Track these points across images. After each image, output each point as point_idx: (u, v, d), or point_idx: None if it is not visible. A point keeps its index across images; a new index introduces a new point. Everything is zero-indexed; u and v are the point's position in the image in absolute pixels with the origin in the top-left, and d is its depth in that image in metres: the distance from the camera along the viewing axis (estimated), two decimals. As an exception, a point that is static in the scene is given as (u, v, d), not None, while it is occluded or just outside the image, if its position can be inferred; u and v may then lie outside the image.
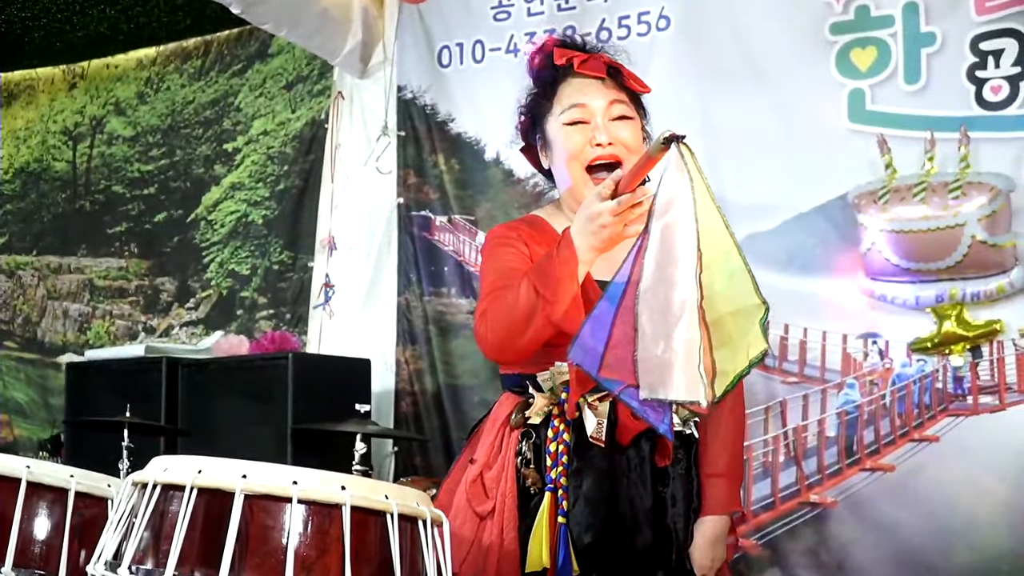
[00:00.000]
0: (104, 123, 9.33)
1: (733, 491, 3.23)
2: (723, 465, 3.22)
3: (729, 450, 3.24)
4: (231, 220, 8.50)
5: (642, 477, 3.19)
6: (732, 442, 3.26)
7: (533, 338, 3.05)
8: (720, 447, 3.24)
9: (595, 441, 3.13)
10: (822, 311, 5.95)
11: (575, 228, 2.97)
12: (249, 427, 6.66)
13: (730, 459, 3.23)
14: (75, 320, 9.32)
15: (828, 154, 5.99)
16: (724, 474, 3.21)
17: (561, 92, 3.25)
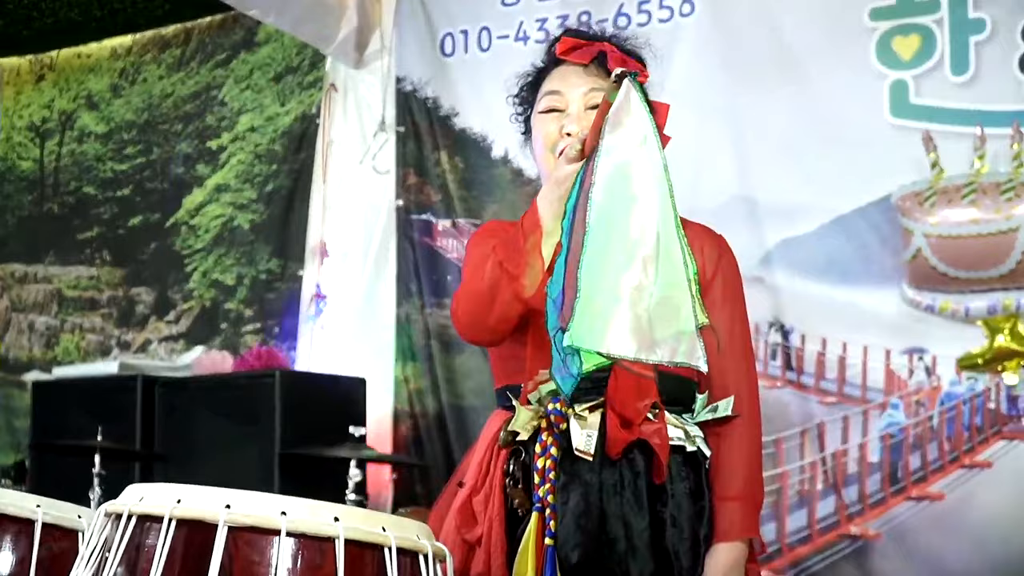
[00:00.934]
0: (75, 118, 9.36)
1: (749, 515, 3.23)
2: (737, 486, 3.22)
3: (744, 470, 3.25)
4: (215, 225, 8.54)
5: (636, 494, 3.21)
6: (747, 461, 3.26)
7: (502, 315, 3.14)
8: (733, 467, 3.25)
9: (582, 455, 3.18)
10: (863, 324, 5.98)
11: (542, 195, 3.09)
12: (233, 452, 6.68)
13: (745, 480, 3.24)
14: (42, 334, 9.34)
15: (868, 152, 6.05)
16: (738, 496, 3.22)
17: (545, 82, 3.34)
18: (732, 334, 3.27)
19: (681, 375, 3.19)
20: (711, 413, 3.23)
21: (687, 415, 3.24)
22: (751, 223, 6.25)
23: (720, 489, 3.20)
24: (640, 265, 2.71)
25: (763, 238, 6.24)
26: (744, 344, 3.30)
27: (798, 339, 6.20)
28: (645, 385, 3.18)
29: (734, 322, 3.29)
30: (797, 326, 6.19)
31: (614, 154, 2.78)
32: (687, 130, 3.79)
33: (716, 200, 6.23)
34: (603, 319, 2.73)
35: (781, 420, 6.14)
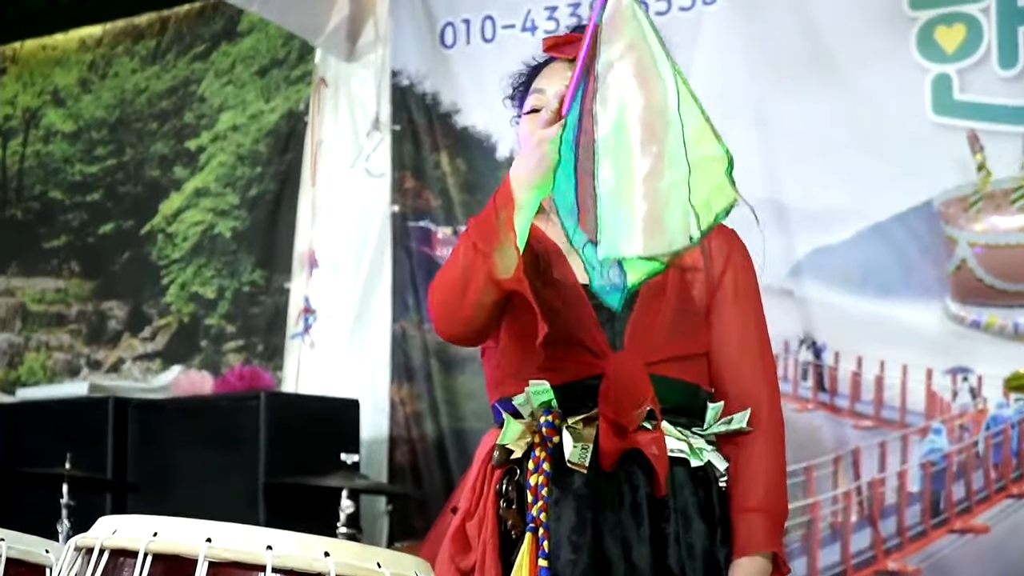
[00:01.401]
0: (40, 116, 9.37)
1: (770, 528, 3.22)
2: (756, 497, 3.22)
3: (764, 480, 3.24)
4: (195, 233, 8.55)
5: (635, 510, 3.22)
6: (767, 471, 3.26)
7: (476, 301, 3.13)
8: (753, 477, 3.24)
9: (575, 467, 3.19)
10: (902, 341, 6.01)
11: (516, 164, 3.09)
12: (214, 481, 6.67)
13: (766, 490, 3.23)
14: (4, 352, 9.32)
15: (909, 153, 6.10)
16: (757, 508, 3.21)
17: (534, 81, 3.43)
18: (746, 336, 3.29)
19: (686, 380, 3.23)
20: (724, 425, 3.24)
21: (696, 427, 3.24)
22: (779, 230, 6.22)
23: (739, 500, 3.20)
24: (653, 158, 2.79)
25: (793, 247, 6.26)
26: (761, 346, 3.30)
27: (831, 357, 6.20)
28: (640, 390, 3.19)
29: (747, 323, 3.30)
30: (830, 343, 6.19)
31: (615, 68, 2.84)
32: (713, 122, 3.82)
33: (741, 205, 6.24)
34: (632, 222, 2.79)
35: (812, 446, 6.15)
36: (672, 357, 3.23)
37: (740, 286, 3.30)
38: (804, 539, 6.04)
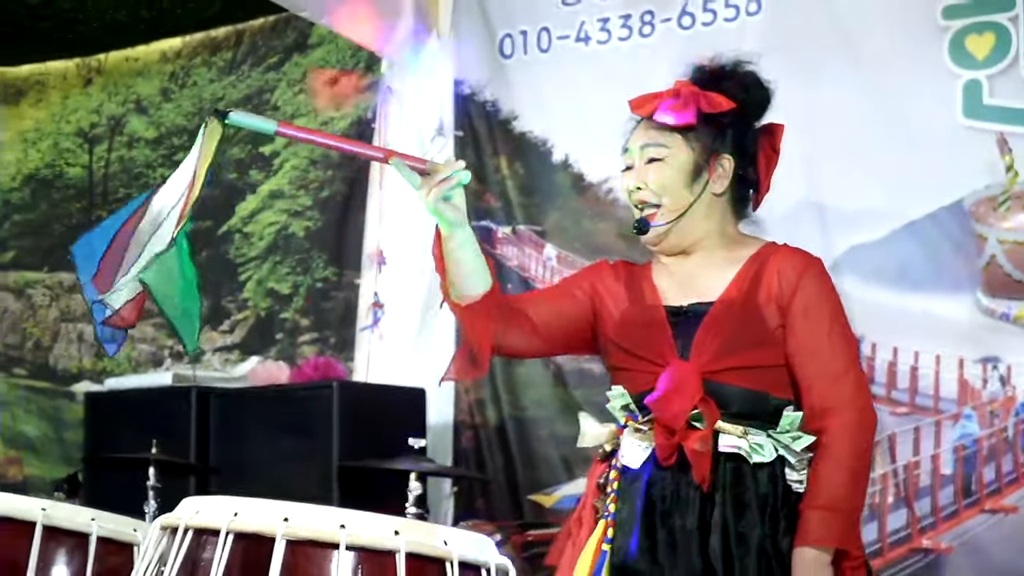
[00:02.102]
0: (124, 123, 9.45)
1: (829, 524, 3.37)
2: (817, 497, 3.39)
3: (826, 482, 3.40)
4: (270, 232, 8.66)
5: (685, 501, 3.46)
6: (831, 474, 3.40)
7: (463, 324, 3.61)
8: (816, 479, 3.42)
9: (627, 465, 3.53)
10: (935, 333, 6.04)
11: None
12: (290, 464, 6.74)
13: (827, 491, 3.39)
14: (91, 344, 9.43)
15: (940, 155, 6.11)
16: (816, 506, 3.38)
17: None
18: (818, 352, 3.45)
19: (750, 388, 3.43)
20: (791, 439, 3.42)
21: (770, 429, 3.43)
22: (819, 229, 6.29)
23: (805, 499, 3.39)
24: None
25: (832, 245, 6.24)
26: (835, 358, 3.44)
27: (868, 348, 6.17)
28: (688, 393, 3.43)
29: (819, 340, 3.45)
30: (867, 335, 6.11)
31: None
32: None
33: (784, 205, 6.13)
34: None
35: None
36: (734, 367, 3.45)
37: (811, 307, 3.46)
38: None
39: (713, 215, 3.58)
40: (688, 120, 3.52)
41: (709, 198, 3.55)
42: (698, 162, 3.54)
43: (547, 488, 7.08)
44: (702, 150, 3.54)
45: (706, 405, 3.42)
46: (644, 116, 3.58)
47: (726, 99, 3.54)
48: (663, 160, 3.54)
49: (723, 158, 3.55)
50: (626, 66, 7.03)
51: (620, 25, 7.12)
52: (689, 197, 3.53)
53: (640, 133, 3.59)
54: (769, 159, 3.64)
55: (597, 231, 7.17)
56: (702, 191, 3.53)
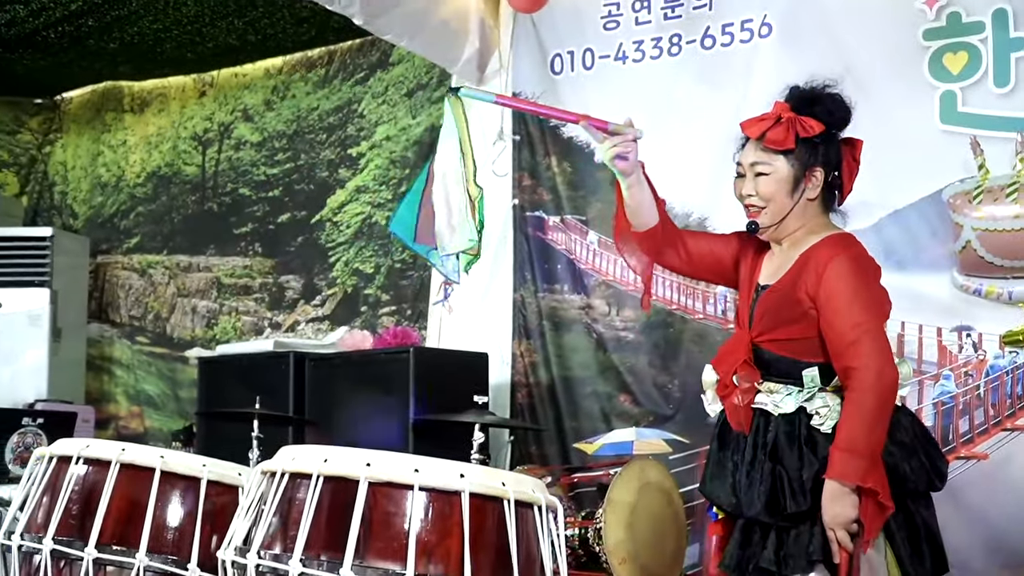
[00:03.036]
0: (232, 129, 9.57)
1: (846, 463, 3.68)
2: (839, 441, 3.73)
3: (846, 428, 3.73)
4: (356, 221, 8.74)
5: (736, 444, 3.97)
6: (849, 422, 3.73)
7: (639, 246, 4.22)
8: (840, 427, 3.77)
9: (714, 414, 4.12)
10: (918, 306, 6.04)
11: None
12: (372, 418, 6.83)
13: (846, 435, 3.71)
14: (203, 316, 9.61)
15: (921, 154, 6.14)
16: (841, 448, 3.71)
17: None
18: (835, 326, 3.76)
19: (785, 355, 3.88)
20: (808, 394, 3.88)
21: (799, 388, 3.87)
22: None
23: (834, 441, 3.76)
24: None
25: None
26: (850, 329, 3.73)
27: None
28: (737, 354, 3.96)
29: (836, 317, 3.77)
30: None
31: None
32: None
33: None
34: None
35: None
36: (776, 339, 3.90)
37: (831, 294, 3.78)
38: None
39: (806, 214, 3.98)
40: (790, 145, 3.91)
41: (804, 202, 3.94)
42: (797, 175, 3.93)
43: (589, 437, 7.07)
44: (800, 166, 3.93)
45: (747, 368, 3.91)
46: (754, 138, 3.96)
47: (817, 122, 3.94)
48: (769, 175, 3.93)
49: (816, 170, 3.95)
50: (657, 80, 7.15)
51: (652, 46, 7.20)
52: (790, 203, 3.93)
53: (750, 151, 3.98)
54: (851, 168, 4.06)
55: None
56: (800, 197, 3.92)
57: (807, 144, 3.94)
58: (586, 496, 6.39)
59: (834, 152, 4.02)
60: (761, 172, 3.96)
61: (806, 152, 3.94)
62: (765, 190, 3.96)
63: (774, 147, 3.93)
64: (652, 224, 4.13)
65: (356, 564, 3.14)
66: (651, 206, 4.11)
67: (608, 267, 7.31)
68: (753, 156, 3.98)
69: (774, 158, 3.94)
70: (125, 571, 4.02)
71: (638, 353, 7.19)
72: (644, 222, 4.13)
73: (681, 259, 4.25)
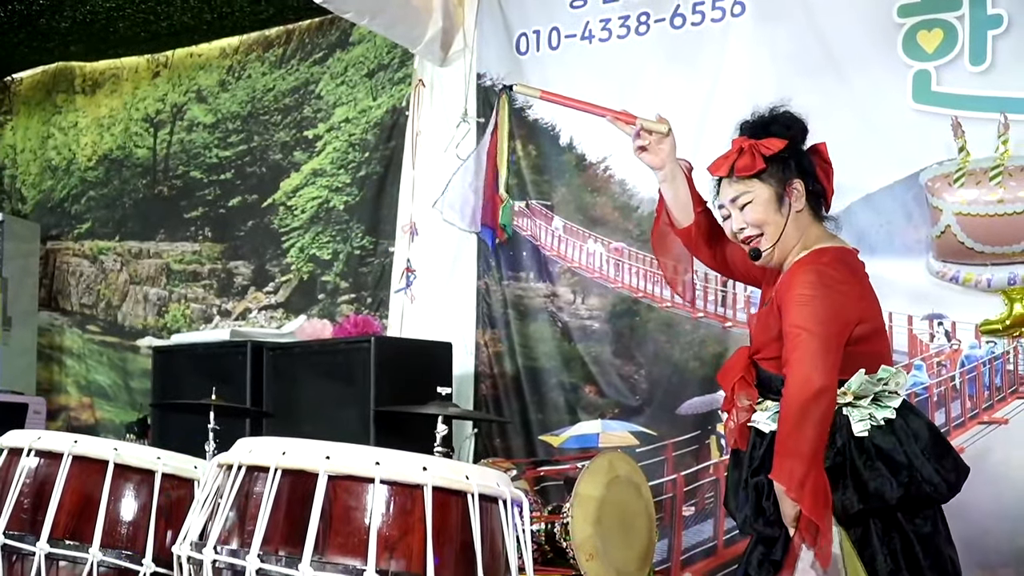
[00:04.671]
0: (185, 110, 9.59)
1: (776, 463, 3.87)
2: (776, 441, 3.91)
3: (779, 432, 3.90)
4: (312, 206, 8.77)
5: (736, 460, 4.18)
6: (780, 420, 3.92)
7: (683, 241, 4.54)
8: (778, 427, 3.94)
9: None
10: (889, 292, 5.74)
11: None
12: (332, 409, 6.83)
13: (779, 439, 3.89)
14: (154, 304, 9.63)
15: (896, 136, 6.20)
16: (775, 449, 3.91)
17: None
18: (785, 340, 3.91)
19: (778, 375, 3.98)
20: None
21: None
22: None
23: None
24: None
25: None
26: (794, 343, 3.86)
27: None
28: (732, 371, 4.15)
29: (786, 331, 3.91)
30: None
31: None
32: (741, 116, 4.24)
33: None
34: None
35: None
36: (766, 356, 4.07)
37: (788, 306, 3.94)
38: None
39: (800, 227, 4.14)
40: (760, 166, 4.09)
41: (794, 215, 4.11)
42: (778, 192, 4.11)
43: (555, 430, 7.16)
44: (777, 183, 4.11)
45: (745, 386, 4.09)
46: (724, 176, 4.15)
47: (778, 139, 4.11)
48: (752, 201, 4.11)
49: (795, 182, 4.13)
50: (624, 61, 7.20)
51: (619, 25, 7.24)
52: (782, 220, 4.10)
53: (726, 189, 4.18)
54: (826, 171, 4.23)
55: (596, 204, 7.26)
56: (789, 212, 4.10)
57: (776, 161, 4.13)
58: (553, 490, 6.48)
59: (806, 162, 4.20)
60: (745, 203, 4.14)
61: (778, 169, 4.14)
62: (753, 216, 4.14)
63: (746, 174, 4.12)
64: (687, 223, 4.42)
65: (315, 560, 3.16)
66: (686, 203, 4.40)
67: (574, 254, 7.35)
68: (731, 191, 4.17)
69: (750, 184, 4.13)
70: (78, 566, 4.03)
71: (603, 343, 7.25)
72: (680, 218, 4.43)
73: (716, 260, 4.53)
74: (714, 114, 6.57)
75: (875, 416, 3.92)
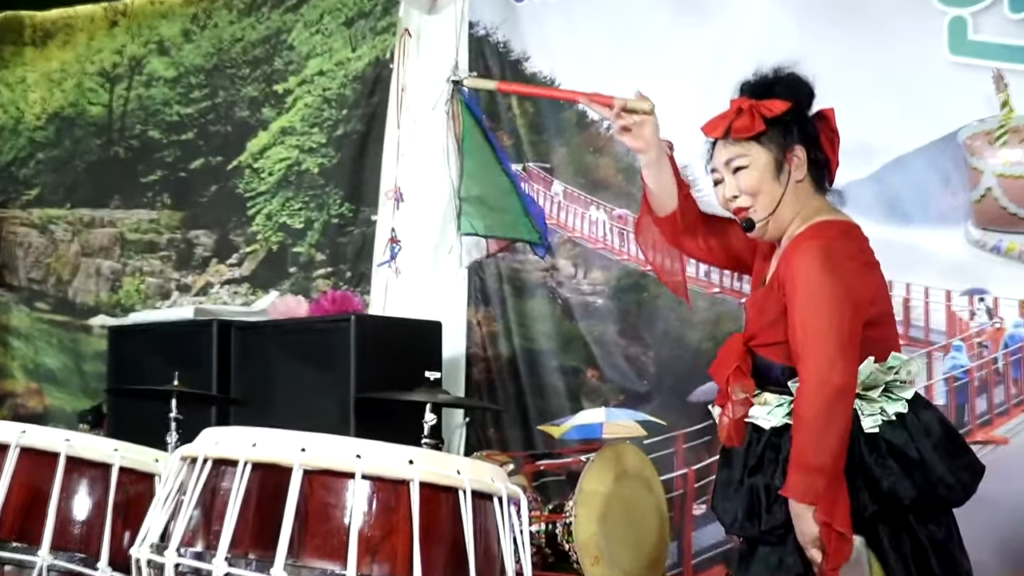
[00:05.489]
0: (144, 64, 9.61)
1: (794, 479, 3.90)
2: (793, 453, 3.94)
3: (796, 443, 3.93)
4: (280, 168, 8.83)
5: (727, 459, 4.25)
6: (797, 437, 3.94)
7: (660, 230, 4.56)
8: (793, 438, 3.96)
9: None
10: (924, 265, 6.16)
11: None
12: (308, 396, 6.85)
13: (797, 449, 3.92)
14: (107, 278, 9.69)
15: (930, 91, 6.22)
16: (792, 463, 3.93)
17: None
18: (798, 330, 3.94)
19: (776, 360, 4.08)
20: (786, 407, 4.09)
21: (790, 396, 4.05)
22: None
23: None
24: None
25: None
26: (814, 335, 3.89)
27: None
28: (728, 359, 4.20)
29: (801, 319, 3.94)
30: None
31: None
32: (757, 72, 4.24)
33: None
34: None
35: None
36: (766, 342, 4.13)
37: (793, 290, 3.96)
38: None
39: (799, 199, 4.18)
40: (760, 128, 4.14)
41: (794, 185, 4.16)
42: (777, 158, 4.16)
43: (556, 419, 7.14)
44: (777, 148, 4.17)
45: (740, 377, 4.16)
46: (720, 137, 4.21)
47: (781, 102, 4.15)
48: (748, 167, 4.17)
49: (796, 149, 4.18)
50: (627, 11, 7.21)
51: None
52: (779, 189, 4.14)
53: (720, 151, 4.22)
54: (831, 139, 4.29)
55: (598, 166, 7.34)
56: (787, 181, 4.15)
57: (778, 124, 4.18)
58: (554, 486, 6.61)
59: (811, 128, 4.25)
60: (739, 167, 4.19)
61: (779, 132, 4.19)
62: (748, 183, 4.19)
63: (744, 135, 4.17)
64: (671, 209, 4.45)
65: (289, 563, 3.17)
66: (670, 188, 4.42)
67: (575, 222, 7.43)
68: (726, 154, 4.22)
69: (748, 147, 4.18)
70: (26, 571, 4.07)
71: (607, 321, 7.33)
72: (661, 205, 4.46)
73: (701, 249, 4.57)
74: (726, 70, 6.45)
75: (886, 411, 3.96)
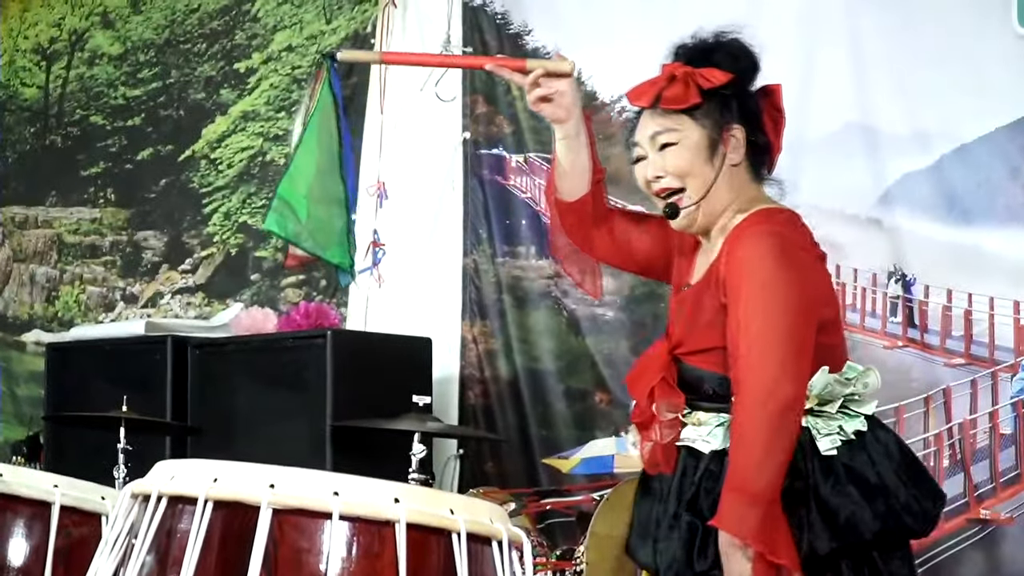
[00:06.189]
0: (86, 39, 9.64)
1: (730, 508, 3.77)
2: (729, 477, 3.82)
3: (732, 464, 3.83)
4: (242, 159, 8.89)
5: (661, 493, 4.12)
6: (735, 457, 3.84)
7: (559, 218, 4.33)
8: (730, 458, 3.87)
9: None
10: (988, 271, 6.12)
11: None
12: (278, 424, 6.92)
13: (735, 471, 3.81)
14: (43, 287, 9.75)
15: (996, 69, 6.17)
16: (727, 487, 3.81)
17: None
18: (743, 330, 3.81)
19: (713, 370, 3.99)
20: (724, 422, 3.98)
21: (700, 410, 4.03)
22: (869, 154, 6.43)
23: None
24: None
25: (883, 173, 6.39)
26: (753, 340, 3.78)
27: (921, 291, 6.25)
28: (649, 373, 4.12)
29: (745, 318, 3.82)
30: (920, 276, 6.25)
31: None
32: (800, 50, 4.17)
33: (828, 127, 6.46)
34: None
35: (902, 385, 6.21)
36: (696, 349, 4.04)
37: (739, 284, 3.84)
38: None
39: (733, 186, 4.06)
40: (694, 100, 4.02)
41: (729, 170, 4.04)
42: (712, 137, 4.04)
43: (564, 451, 7.08)
44: (713, 125, 4.04)
45: (667, 391, 4.05)
46: (647, 106, 4.08)
47: (721, 72, 4.04)
48: (678, 144, 4.04)
49: (734, 128, 4.05)
50: None
51: None
52: (711, 173, 4.01)
53: (647, 122, 4.08)
54: (775, 120, 4.15)
55: (609, 157, 6.87)
56: (721, 164, 4.02)
57: (715, 97, 4.07)
58: (562, 528, 6.61)
59: (752, 104, 4.14)
60: (667, 143, 4.07)
61: (716, 107, 4.08)
62: (676, 163, 4.07)
63: (676, 107, 4.06)
64: (581, 193, 4.27)
65: None
66: (585, 166, 4.24)
67: (582, 222, 7.40)
68: (653, 126, 4.08)
69: (679, 121, 4.06)
70: (-49, 629, 4.05)
71: (618, 336, 7.34)
72: (571, 187, 4.26)
73: (607, 246, 4.39)
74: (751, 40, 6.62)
75: (844, 430, 3.90)
